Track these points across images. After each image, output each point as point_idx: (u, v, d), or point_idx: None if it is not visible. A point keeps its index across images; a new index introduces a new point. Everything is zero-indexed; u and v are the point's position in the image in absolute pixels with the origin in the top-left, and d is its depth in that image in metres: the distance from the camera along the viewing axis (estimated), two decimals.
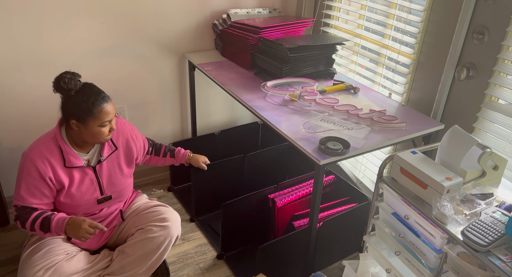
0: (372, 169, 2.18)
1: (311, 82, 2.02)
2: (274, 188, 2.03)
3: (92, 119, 1.54)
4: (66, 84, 1.50)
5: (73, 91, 1.52)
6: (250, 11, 2.36)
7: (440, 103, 1.77)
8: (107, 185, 1.69)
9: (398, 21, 1.93)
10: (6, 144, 2.12)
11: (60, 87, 1.50)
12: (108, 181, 1.69)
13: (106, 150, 1.68)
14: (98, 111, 1.53)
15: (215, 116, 2.69)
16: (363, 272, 1.66)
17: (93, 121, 1.54)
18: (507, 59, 1.50)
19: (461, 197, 1.32)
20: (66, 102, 1.54)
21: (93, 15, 2.05)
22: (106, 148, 1.68)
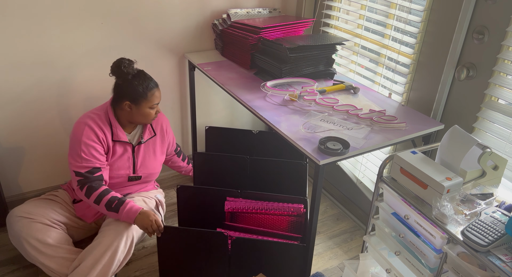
0: (372, 169, 2.18)
1: (311, 82, 2.02)
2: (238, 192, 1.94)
3: (145, 101, 1.77)
4: (126, 68, 1.72)
5: (130, 75, 1.74)
6: (250, 11, 2.36)
7: (440, 103, 1.77)
8: (140, 165, 1.91)
9: (398, 21, 1.93)
10: (6, 144, 2.12)
11: (120, 70, 1.72)
12: (142, 162, 1.91)
13: (146, 134, 1.91)
14: (151, 94, 1.77)
15: (215, 116, 2.69)
16: (363, 272, 1.66)
17: (146, 103, 1.77)
18: (507, 59, 1.50)
19: (461, 197, 1.32)
20: (123, 84, 1.75)
21: (93, 15, 2.05)
22: (147, 132, 1.91)
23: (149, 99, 1.77)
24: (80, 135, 1.72)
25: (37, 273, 1.89)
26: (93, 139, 1.74)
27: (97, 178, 1.74)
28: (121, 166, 1.86)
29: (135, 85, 1.74)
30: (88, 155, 1.72)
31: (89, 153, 1.73)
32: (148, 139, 1.92)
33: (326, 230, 2.27)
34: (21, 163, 2.20)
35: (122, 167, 1.86)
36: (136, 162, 1.90)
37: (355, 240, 2.21)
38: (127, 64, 1.73)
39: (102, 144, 1.77)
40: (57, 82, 2.11)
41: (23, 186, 2.27)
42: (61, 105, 2.17)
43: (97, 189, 1.71)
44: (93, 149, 1.73)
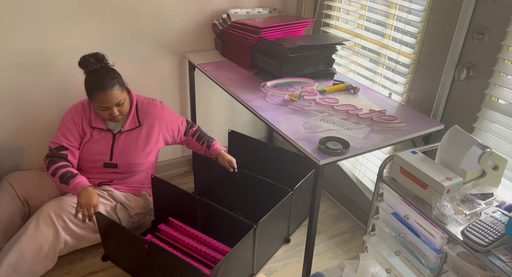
0: (372, 169, 2.18)
1: (311, 82, 2.02)
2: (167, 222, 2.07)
3: (92, 100, 1.78)
4: (86, 62, 1.75)
5: (87, 69, 1.77)
6: (250, 11, 2.36)
7: (440, 103, 1.77)
8: (119, 153, 1.91)
9: (398, 21, 1.93)
10: (6, 144, 2.12)
11: (81, 62, 1.77)
12: (120, 151, 1.91)
13: (128, 124, 1.92)
14: (95, 95, 1.75)
15: (215, 115, 2.69)
16: (363, 272, 1.66)
17: (93, 102, 1.79)
18: (507, 59, 1.50)
19: (461, 197, 1.32)
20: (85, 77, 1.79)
21: (93, 15, 2.05)
22: (129, 122, 1.91)
23: (94, 99, 1.77)
24: (64, 115, 1.88)
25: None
26: (70, 120, 1.86)
27: (60, 156, 1.84)
28: (97, 151, 1.90)
29: (86, 81, 1.78)
30: (60, 134, 1.86)
31: (62, 132, 1.86)
32: (130, 129, 1.92)
33: (326, 230, 2.27)
34: (21, 163, 2.20)
35: (98, 152, 1.90)
36: (114, 149, 1.91)
37: (355, 240, 2.21)
38: (88, 57, 1.76)
39: (77, 127, 1.87)
40: (57, 82, 2.11)
41: None
42: (61, 105, 2.17)
43: (56, 163, 1.80)
44: (66, 129, 1.86)
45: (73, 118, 1.87)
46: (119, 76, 1.82)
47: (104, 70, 1.77)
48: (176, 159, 2.67)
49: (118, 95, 1.78)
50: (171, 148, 2.62)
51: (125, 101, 1.83)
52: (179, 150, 2.66)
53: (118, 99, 1.78)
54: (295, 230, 2.23)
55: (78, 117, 1.87)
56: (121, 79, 1.83)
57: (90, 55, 1.77)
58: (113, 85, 1.76)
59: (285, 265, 2.03)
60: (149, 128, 1.95)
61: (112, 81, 1.76)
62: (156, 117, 1.96)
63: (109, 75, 1.77)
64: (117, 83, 1.78)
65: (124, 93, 1.83)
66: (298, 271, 2.00)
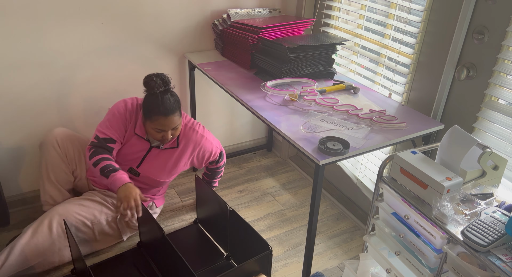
0: (372, 169, 2.18)
1: (311, 82, 2.02)
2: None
3: (149, 121, 1.80)
4: (152, 82, 1.74)
5: (152, 91, 1.76)
6: (250, 11, 2.36)
7: (440, 103, 1.77)
8: (147, 166, 1.94)
9: (398, 21, 1.93)
10: (6, 144, 2.12)
11: (146, 83, 1.77)
12: (149, 164, 1.94)
13: (169, 143, 1.94)
14: (155, 118, 1.77)
15: (215, 115, 2.69)
16: (363, 272, 1.66)
17: (149, 123, 1.80)
18: (507, 59, 1.50)
19: (461, 197, 1.32)
20: (145, 95, 1.81)
21: (93, 15, 2.05)
22: (170, 141, 1.91)
23: (152, 120, 1.78)
24: (115, 107, 1.88)
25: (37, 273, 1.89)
26: (122, 116, 1.86)
27: (107, 148, 1.83)
28: (129, 156, 1.92)
29: (149, 101, 1.77)
30: (111, 125, 1.85)
31: (112, 124, 1.85)
32: (167, 148, 1.95)
33: (326, 230, 2.27)
34: (21, 163, 2.20)
35: (129, 157, 1.92)
36: (144, 159, 1.94)
37: (355, 240, 2.21)
38: (155, 78, 1.75)
39: (125, 126, 1.88)
40: (57, 82, 2.11)
41: (23, 186, 2.27)
42: (61, 105, 2.17)
43: (100, 154, 1.80)
44: (117, 123, 1.86)
45: (125, 115, 1.87)
46: (179, 102, 1.82)
47: (168, 95, 1.77)
48: None
49: (177, 121, 1.81)
50: None
51: (179, 126, 1.86)
52: None
53: (176, 124, 1.81)
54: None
55: (128, 117, 1.88)
56: (180, 104, 1.83)
57: (156, 76, 1.76)
58: (175, 111, 1.78)
59: (285, 265, 2.03)
60: (183, 151, 1.97)
61: (174, 106, 1.77)
62: (193, 143, 1.98)
63: (172, 100, 1.77)
64: (178, 109, 1.80)
65: (181, 118, 1.86)
66: (298, 271, 2.00)
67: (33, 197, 2.30)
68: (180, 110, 1.84)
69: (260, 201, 2.46)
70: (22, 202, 2.28)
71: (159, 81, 1.74)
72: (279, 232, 2.24)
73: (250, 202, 2.46)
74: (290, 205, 2.44)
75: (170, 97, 1.77)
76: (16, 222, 2.20)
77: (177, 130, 1.86)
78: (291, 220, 2.32)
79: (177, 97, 1.82)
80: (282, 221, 2.32)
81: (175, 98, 1.79)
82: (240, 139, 2.88)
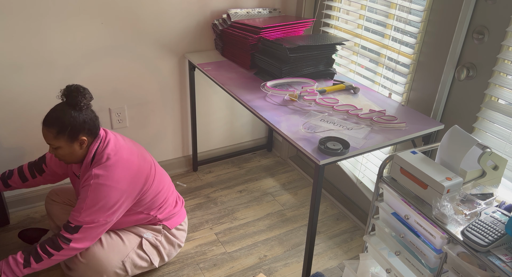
0: (372, 169, 2.18)
1: (311, 82, 2.02)
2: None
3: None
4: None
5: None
6: (250, 11, 2.36)
7: (440, 103, 1.77)
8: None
9: (398, 21, 1.93)
10: (6, 144, 2.12)
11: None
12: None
13: (79, 169, 1.70)
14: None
15: (215, 116, 2.69)
16: (363, 272, 1.66)
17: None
18: (507, 59, 1.50)
19: (461, 197, 1.32)
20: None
21: (93, 15, 2.05)
22: (81, 178, 1.65)
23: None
24: None
25: (37, 273, 1.89)
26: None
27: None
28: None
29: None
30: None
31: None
32: (80, 175, 1.69)
33: (326, 230, 2.27)
34: (21, 163, 2.20)
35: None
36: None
37: (355, 240, 2.21)
38: (66, 89, 1.57)
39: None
40: (57, 82, 2.11)
41: None
42: None
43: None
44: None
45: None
46: (71, 121, 1.52)
47: (58, 106, 1.55)
48: (176, 159, 2.67)
49: (49, 138, 1.54)
50: (171, 148, 2.62)
51: (59, 150, 1.57)
52: (179, 150, 2.66)
53: (48, 140, 1.55)
54: None
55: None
56: (67, 126, 1.52)
57: (67, 87, 1.56)
58: (50, 126, 1.52)
59: (285, 265, 2.03)
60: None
61: (53, 121, 1.52)
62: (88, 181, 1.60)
63: (59, 115, 1.52)
64: (56, 126, 1.51)
65: (59, 141, 1.54)
66: (298, 271, 2.00)
67: (33, 197, 2.30)
68: (63, 132, 1.52)
69: (260, 201, 2.47)
70: (22, 202, 2.28)
71: (64, 91, 1.55)
72: (279, 232, 2.24)
73: (250, 202, 2.46)
74: (290, 205, 2.44)
75: (62, 110, 1.52)
76: (16, 222, 2.20)
77: (57, 152, 1.57)
78: (291, 220, 2.32)
79: (72, 118, 1.52)
80: (282, 221, 2.32)
81: (66, 117, 1.51)
82: (240, 139, 2.88)
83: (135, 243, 1.79)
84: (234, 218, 2.32)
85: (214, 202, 2.44)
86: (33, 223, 2.20)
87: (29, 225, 2.18)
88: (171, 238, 1.90)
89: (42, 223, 2.20)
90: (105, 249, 1.70)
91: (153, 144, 2.54)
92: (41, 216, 2.25)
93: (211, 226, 2.26)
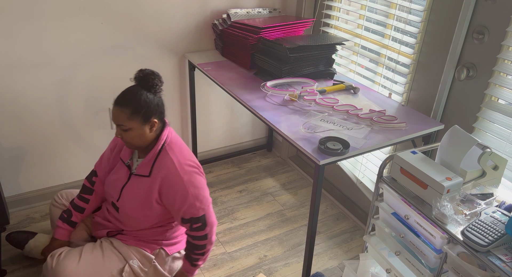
0: (372, 169, 2.18)
1: (311, 82, 2.02)
2: None
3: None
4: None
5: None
6: (250, 11, 2.36)
7: (440, 103, 1.77)
8: (124, 198, 1.62)
9: (398, 21, 1.93)
10: (6, 144, 2.12)
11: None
12: (126, 196, 1.62)
13: (139, 167, 1.60)
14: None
15: (215, 115, 2.69)
16: (363, 272, 1.66)
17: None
18: (507, 59, 1.50)
19: (461, 197, 1.32)
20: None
21: (93, 15, 2.05)
22: (140, 165, 1.60)
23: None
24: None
25: (37, 273, 1.89)
26: (114, 139, 1.75)
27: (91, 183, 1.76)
28: (111, 186, 1.67)
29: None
30: (104, 153, 1.77)
31: (106, 151, 1.76)
32: (139, 175, 1.60)
33: (326, 230, 2.27)
34: (21, 163, 2.20)
35: (111, 188, 1.67)
36: (122, 190, 1.63)
37: (355, 240, 2.21)
38: (142, 72, 1.56)
39: (112, 148, 1.73)
40: (57, 82, 2.11)
41: (23, 186, 2.27)
42: (61, 105, 2.17)
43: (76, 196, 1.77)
44: (109, 147, 1.75)
45: (111, 144, 1.74)
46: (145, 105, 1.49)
47: (133, 87, 1.53)
48: None
49: (122, 118, 1.48)
50: None
51: (130, 131, 1.50)
52: None
53: (119, 121, 1.49)
54: None
55: (114, 144, 1.73)
56: (143, 107, 1.49)
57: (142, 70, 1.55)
58: (124, 105, 1.48)
59: (285, 265, 2.03)
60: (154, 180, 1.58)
61: (128, 101, 1.48)
62: (165, 170, 1.56)
63: (135, 97, 1.49)
64: (130, 106, 1.47)
65: (133, 122, 1.49)
66: (298, 271, 2.00)
67: (33, 197, 2.30)
68: (138, 112, 1.49)
69: (260, 201, 2.46)
70: (22, 202, 2.28)
71: (139, 73, 1.54)
72: (279, 232, 2.24)
73: (250, 202, 2.46)
74: (290, 205, 2.44)
75: (137, 92, 1.50)
76: (16, 222, 2.20)
77: (126, 134, 1.51)
78: (291, 220, 2.32)
79: (148, 99, 1.50)
80: (282, 221, 2.32)
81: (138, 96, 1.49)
82: (240, 139, 2.88)
83: (116, 267, 1.60)
84: (234, 218, 2.32)
85: (214, 202, 2.44)
86: (33, 223, 2.20)
87: (29, 225, 2.18)
88: (160, 271, 1.68)
89: (42, 223, 2.20)
90: (79, 265, 1.55)
91: None
92: (41, 216, 2.25)
93: None
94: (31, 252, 1.88)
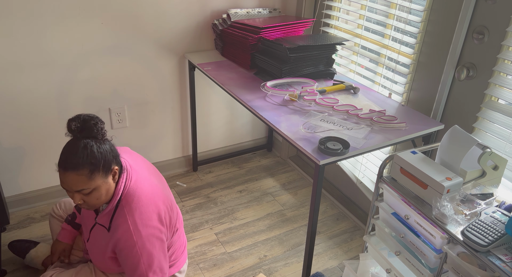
0: (372, 169, 2.18)
1: (311, 82, 2.02)
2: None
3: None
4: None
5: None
6: (250, 11, 2.36)
7: (440, 103, 1.77)
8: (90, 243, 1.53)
9: (398, 21, 1.93)
10: (6, 144, 2.12)
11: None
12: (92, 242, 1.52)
13: (100, 216, 1.44)
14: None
15: (215, 116, 2.69)
16: (363, 272, 1.66)
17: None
18: (507, 59, 1.50)
19: (461, 197, 1.32)
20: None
21: (93, 15, 2.05)
22: (102, 214, 1.44)
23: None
24: None
25: (37, 273, 1.89)
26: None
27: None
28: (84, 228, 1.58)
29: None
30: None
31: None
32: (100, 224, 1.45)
33: (326, 230, 2.27)
34: (21, 163, 2.20)
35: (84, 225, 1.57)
36: (90, 234, 1.51)
37: (355, 240, 2.21)
38: (73, 121, 1.34)
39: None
40: (57, 82, 2.11)
41: (23, 186, 2.27)
42: (61, 105, 2.17)
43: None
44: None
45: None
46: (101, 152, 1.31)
47: (77, 142, 1.30)
48: (176, 159, 2.67)
49: (79, 182, 1.28)
50: (171, 148, 2.62)
51: (94, 192, 1.32)
52: (179, 150, 2.66)
53: (79, 187, 1.29)
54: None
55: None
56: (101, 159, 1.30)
57: (77, 118, 1.32)
58: (77, 167, 1.27)
59: (285, 265, 2.03)
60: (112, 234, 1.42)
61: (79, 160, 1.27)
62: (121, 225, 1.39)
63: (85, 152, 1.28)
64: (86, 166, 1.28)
65: (95, 181, 1.30)
66: (298, 271, 2.00)
67: (33, 197, 2.30)
68: (97, 168, 1.30)
69: (260, 201, 2.47)
70: (22, 202, 2.28)
71: (76, 124, 1.31)
72: (279, 232, 2.24)
73: (250, 202, 2.46)
74: (290, 205, 2.44)
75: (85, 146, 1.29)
76: (16, 222, 2.20)
77: (90, 196, 1.32)
78: (291, 220, 2.32)
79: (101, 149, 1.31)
80: (282, 221, 2.32)
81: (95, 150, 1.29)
82: (240, 139, 2.88)
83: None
84: (234, 218, 2.33)
85: (214, 202, 2.44)
86: (33, 223, 2.20)
87: (29, 225, 2.18)
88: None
89: (42, 223, 2.20)
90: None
91: (153, 144, 2.54)
92: (41, 216, 2.25)
93: (211, 226, 2.26)
94: (32, 262, 1.86)
